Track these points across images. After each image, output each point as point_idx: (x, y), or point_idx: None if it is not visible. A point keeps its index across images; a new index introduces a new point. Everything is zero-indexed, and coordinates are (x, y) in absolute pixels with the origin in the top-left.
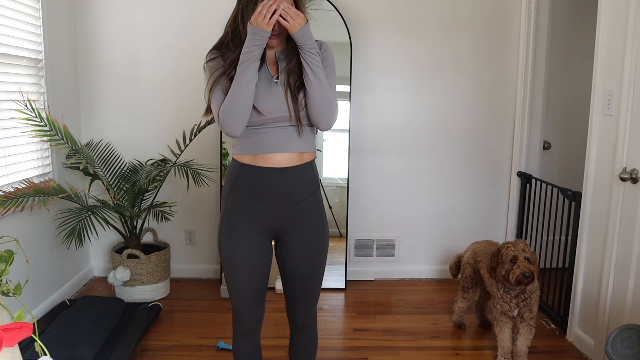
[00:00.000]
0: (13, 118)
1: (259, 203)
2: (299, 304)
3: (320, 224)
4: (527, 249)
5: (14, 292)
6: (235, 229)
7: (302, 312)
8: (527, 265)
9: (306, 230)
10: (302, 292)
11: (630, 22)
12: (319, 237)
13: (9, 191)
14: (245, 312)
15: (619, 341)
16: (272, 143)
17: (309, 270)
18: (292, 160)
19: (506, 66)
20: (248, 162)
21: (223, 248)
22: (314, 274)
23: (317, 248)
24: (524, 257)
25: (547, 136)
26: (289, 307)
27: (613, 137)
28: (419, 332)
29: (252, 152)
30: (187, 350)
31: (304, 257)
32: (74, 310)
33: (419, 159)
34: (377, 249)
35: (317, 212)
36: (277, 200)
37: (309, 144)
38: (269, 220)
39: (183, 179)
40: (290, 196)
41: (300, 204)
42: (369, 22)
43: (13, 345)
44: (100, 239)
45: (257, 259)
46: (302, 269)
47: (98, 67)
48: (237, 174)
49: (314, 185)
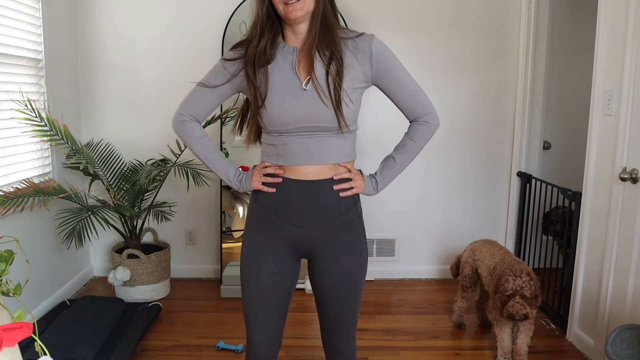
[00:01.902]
0: (13, 118)
1: (286, 219)
2: (334, 330)
3: (357, 243)
4: (527, 286)
5: (14, 292)
6: (257, 244)
7: (339, 339)
8: (521, 307)
9: (340, 250)
10: (336, 319)
11: (630, 22)
12: (355, 259)
13: (9, 191)
14: (256, 334)
15: (619, 341)
16: (302, 153)
17: (342, 295)
18: (326, 172)
19: (506, 66)
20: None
21: (242, 261)
22: (348, 299)
23: (353, 271)
24: (521, 295)
25: (547, 136)
26: (323, 333)
27: (613, 137)
28: (419, 332)
29: (279, 161)
30: (187, 350)
31: (338, 280)
32: (74, 310)
33: (419, 159)
34: (377, 249)
35: (353, 230)
36: (306, 218)
37: (348, 153)
38: (296, 239)
39: (183, 179)
40: (322, 213)
41: (333, 222)
42: (369, 22)
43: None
44: (100, 239)
45: (277, 279)
46: (335, 294)
47: (98, 67)
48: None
49: (350, 200)
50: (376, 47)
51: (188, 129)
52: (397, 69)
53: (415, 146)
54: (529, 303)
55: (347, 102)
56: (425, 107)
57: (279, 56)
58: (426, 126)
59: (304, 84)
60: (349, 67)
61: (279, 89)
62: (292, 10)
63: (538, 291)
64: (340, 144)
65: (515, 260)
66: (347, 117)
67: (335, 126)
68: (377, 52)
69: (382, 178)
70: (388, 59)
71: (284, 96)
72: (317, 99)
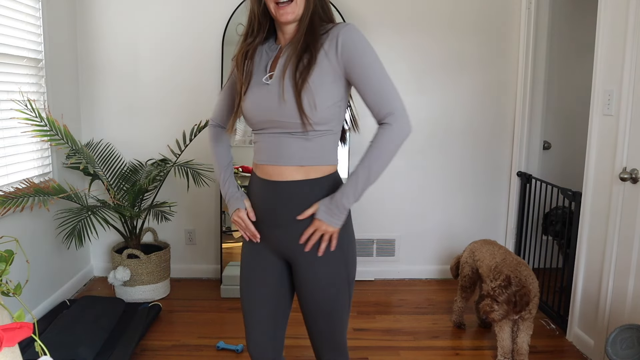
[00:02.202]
0: (13, 118)
1: (258, 219)
2: (317, 340)
3: (332, 252)
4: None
5: (14, 292)
6: (247, 246)
7: (325, 350)
8: (488, 309)
9: (314, 260)
10: (317, 329)
11: (630, 22)
12: (332, 270)
13: (9, 191)
14: (250, 338)
15: (619, 341)
16: (265, 152)
17: (319, 306)
18: (290, 174)
19: (506, 66)
20: (255, 171)
21: (240, 264)
22: (327, 310)
23: (329, 282)
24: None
25: (547, 136)
26: (311, 342)
27: (613, 137)
28: (419, 332)
29: (255, 159)
30: (187, 350)
31: (313, 291)
32: (74, 310)
33: (419, 159)
34: (377, 249)
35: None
36: (270, 218)
37: (316, 157)
38: (270, 240)
39: (183, 179)
40: (283, 216)
41: (299, 227)
42: (369, 22)
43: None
44: (100, 239)
45: (266, 282)
46: (312, 304)
47: (98, 67)
48: (249, 184)
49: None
50: (343, 37)
51: (211, 134)
52: (364, 59)
53: (375, 152)
54: (514, 309)
55: (312, 98)
56: (389, 106)
57: (264, 53)
58: (387, 129)
59: (265, 78)
60: (320, 63)
61: (251, 84)
62: (282, 13)
63: (523, 297)
64: (305, 146)
65: (516, 261)
66: (314, 115)
67: (297, 123)
68: (343, 42)
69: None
70: (355, 47)
71: (251, 90)
72: (277, 94)
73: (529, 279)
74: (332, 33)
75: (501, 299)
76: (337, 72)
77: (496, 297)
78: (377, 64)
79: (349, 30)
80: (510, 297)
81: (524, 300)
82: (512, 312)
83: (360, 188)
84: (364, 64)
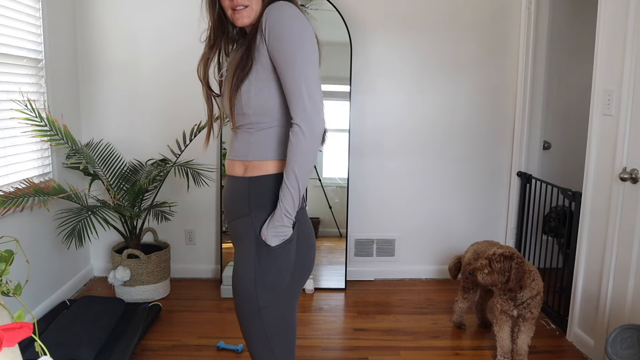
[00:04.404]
0: (13, 118)
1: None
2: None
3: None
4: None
5: (14, 292)
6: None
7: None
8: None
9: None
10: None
11: (630, 22)
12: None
13: (9, 191)
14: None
15: (619, 341)
16: (228, 147)
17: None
18: (234, 169)
19: (506, 66)
20: None
21: None
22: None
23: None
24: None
25: (547, 136)
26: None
27: (613, 137)
28: (419, 332)
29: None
30: (187, 350)
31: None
32: (74, 310)
33: (419, 159)
34: (377, 249)
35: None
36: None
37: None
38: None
39: (183, 179)
40: (227, 211)
41: (233, 223)
42: (369, 22)
43: (13, 345)
44: (100, 239)
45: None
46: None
47: (98, 67)
48: None
49: (243, 206)
50: (269, 18)
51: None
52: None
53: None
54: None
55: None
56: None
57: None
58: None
59: (220, 74)
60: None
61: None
62: (238, 17)
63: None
64: (246, 140)
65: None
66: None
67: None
68: (268, 26)
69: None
70: (278, 30)
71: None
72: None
73: (533, 273)
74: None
75: (495, 266)
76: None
77: (493, 262)
78: (300, 56)
79: (278, 10)
80: (506, 269)
81: (516, 281)
82: (500, 284)
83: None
84: (283, 53)
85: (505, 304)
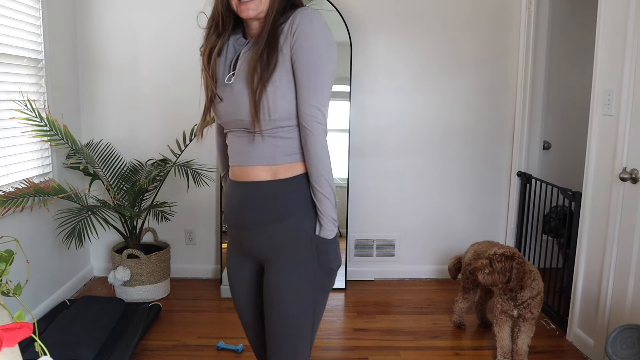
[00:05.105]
0: (13, 118)
1: (231, 222)
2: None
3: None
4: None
5: (14, 292)
6: (228, 250)
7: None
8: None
9: (277, 269)
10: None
11: (630, 22)
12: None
13: (9, 191)
14: (249, 337)
15: (619, 341)
16: (235, 153)
17: (270, 320)
18: (257, 175)
19: (506, 66)
20: (229, 174)
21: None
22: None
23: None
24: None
25: (547, 136)
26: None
27: (613, 137)
28: (419, 332)
29: (229, 162)
30: (187, 350)
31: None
32: (74, 310)
33: (419, 159)
34: (377, 249)
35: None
36: (242, 221)
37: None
38: (244, 243)
39: (183, 179)
40: (252, 218)
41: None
42: (369, 22)
43: (13, 345)
44: (100, 239)
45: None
46: (268, 314)
47: (98, 67)
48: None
49: (281, 208)
50: (301, 23)
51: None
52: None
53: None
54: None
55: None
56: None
57: (230, 48)
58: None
59: (227, 78)
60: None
61: (218, 84)
62: (244, 9)
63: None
64: (271, 144)
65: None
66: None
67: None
68: (299, 28)
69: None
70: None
71: (218, 90)
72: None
73: (534, 273)
74: (290, 22)
75: (496, 266)
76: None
77: (494, 262)
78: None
79: (307, 19)
80: (507, 269)
81: (517, 281)
82: (501, 284)
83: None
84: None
85: (505, 304)
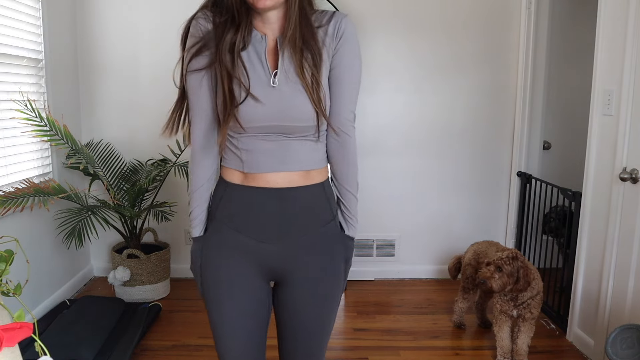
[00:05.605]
0: (13, 118)
1: (249, 234)
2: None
3: (332, 266)
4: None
5: (14, 292)
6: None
7: None
8: (488, 275)
9: (316, 273)
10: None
11: (630, 22)
12: (330, 285)
13: (9, 191)
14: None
15: (619, 341)
16: (267, 158)
17: (312, 327)
18: (294, 180)
19: (506, 66)
20: (237, 181)
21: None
22: (319, 330)
23: (326, 299)
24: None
25: (547, 136)
26: None
27: (613, 137)
28: (419, 332)
29: (244, 168)
30: (187, 350)
31: (310, 309)
32: (74, 310)
33: (419, 159)
34: (377, 249)
35: (330, 248)
36: (271, 231)
37: (318, 159)
38: (264, 257)
39: (183, 179)
40: (289, 226)
41: (304, 238)
42: (369, 22)
43: (13, 345)
44: (100, 239)
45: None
46: (305, 324)
47: (98, 67)
48: (222, 198)
49: (326, 213)
50: (347, 28)
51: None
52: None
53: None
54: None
55: (326, 101)
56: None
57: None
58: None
59: (272, 80)
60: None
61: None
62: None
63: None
64: (316, 147)
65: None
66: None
67: (310, 126)
68: (345, 32)
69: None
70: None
71: (256, 91)
72: (291, 96)
73: (534, 272)
74: (333, 25)
75: (506, 270)
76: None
77: (501, 266)
78: (359, 74)
79: (350, 24)
80: (515, 270)
81: (525, 280)
82: (511, 286)
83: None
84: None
85: (505, 304)
